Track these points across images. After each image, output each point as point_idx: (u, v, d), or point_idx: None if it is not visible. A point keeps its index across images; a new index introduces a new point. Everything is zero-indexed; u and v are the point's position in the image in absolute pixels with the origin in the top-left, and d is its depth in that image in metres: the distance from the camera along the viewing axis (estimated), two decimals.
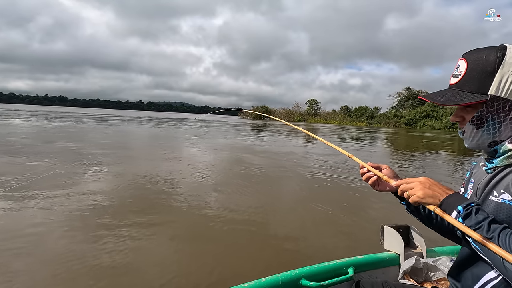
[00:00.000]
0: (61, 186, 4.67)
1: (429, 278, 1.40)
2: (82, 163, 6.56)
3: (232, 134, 19.70)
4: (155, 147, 10.67)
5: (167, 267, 2.51)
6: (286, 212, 4.18)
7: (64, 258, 2.52)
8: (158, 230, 3.24)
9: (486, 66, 0.71)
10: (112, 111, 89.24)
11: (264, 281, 1.15)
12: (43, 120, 23.69)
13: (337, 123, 66.91)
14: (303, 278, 1.22)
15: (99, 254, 2.62)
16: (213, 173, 6.42)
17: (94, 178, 5.34)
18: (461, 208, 0.71)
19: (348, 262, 1.36)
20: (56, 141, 10.14)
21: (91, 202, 3.98)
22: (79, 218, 3.43)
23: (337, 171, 7.23)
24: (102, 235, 3.01)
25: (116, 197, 4.32)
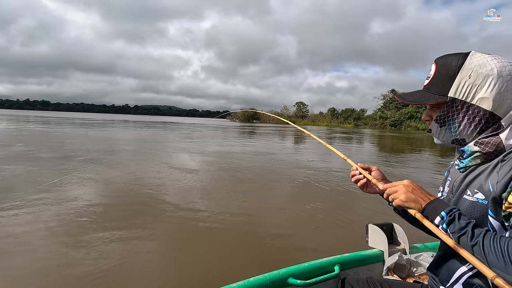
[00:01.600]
0: (44, 192, 4.53)
1: (411, 274, 1.45)
2: (66, 169, 6.40)
3: (222, 137, 19.64)
4: (143, 151, 10.52)
5: (153, 272, 2.48)
6: (274, 213, 4.21)
7: (45, 268, 2.46)
8: (144, 235, 3.20)
9: (449, 70, 0.79)
10: (97, 115, 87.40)
11: (252, 281, 1.17)
12: (19, 124, 22.93)
13: (324, 125, 67.76)
14: (291, 277, 1.25)
15: (81, 262, 2.56)
16: (201, 176, 6.39)
17: (79, 185, 5.21)
18: (444, 214, 0.75)
19: (334, 260, 1.40)
20: (37, 147, 9.84)
21: (75, 208, 3.89)
22: (64, 224, 3.35)
23: (324, 173, 7.32)
24: (85, 241, 2.95)
25: (101, 203, 4.24)
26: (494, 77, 0.73)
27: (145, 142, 13.77)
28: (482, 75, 0.74)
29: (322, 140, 1.50)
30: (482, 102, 0.75)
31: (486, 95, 0.74)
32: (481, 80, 0.74)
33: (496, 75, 0.73)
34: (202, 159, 9.06)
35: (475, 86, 0.75)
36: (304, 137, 24.07)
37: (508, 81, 0.73)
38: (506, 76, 0.73)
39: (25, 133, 15.60)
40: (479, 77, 0.74)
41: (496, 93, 0.73)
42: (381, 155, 12.68)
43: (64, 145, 10.79)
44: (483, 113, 0.76)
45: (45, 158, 7.63)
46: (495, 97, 0.73)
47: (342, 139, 22.47)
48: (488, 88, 0.74)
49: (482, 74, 0.74)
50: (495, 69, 0.73)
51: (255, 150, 12.15)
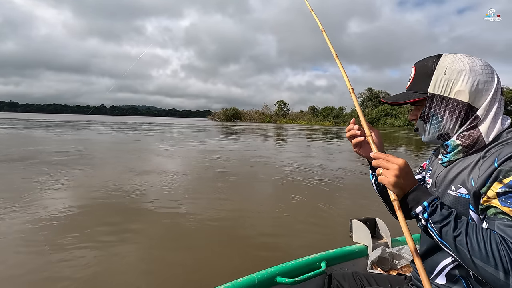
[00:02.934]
0: (22, 197, 4.27)
1: (394, 266, 1.50)
2: (43, 174, 6.06)
3: (204, 136, 19.40)
4: (123, 154, 10.18)
5: (134, 276, 2.40)
6: (257, 213, 4.21)
7: (24, 274, 2.31)
8: (126, 238, 3.09)
9: (426, 70, 0.86)
10: (71, 117, 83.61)
11: (240, 282, 1.15)
12: None
13: (305, 123, 68.78)
14: (278, 276, 1.24)
15: (62, 267, 2.44)
16: (182, 177, 6.27)
17: (56, 189, 4.96)
18: (426, 204, 0.74)
19: (321, 256, 1.41)
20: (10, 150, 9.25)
21: (50, 213, 3.69)
22: (38, 230, 3.17)
23: (306, 170, 7.43)
24: (66, 246, 2.80)
25: (78, 207, 4.05)
26: (467, 72, 0.80)
27: (122, 145, 13.33)
28: (456, 70, 0.81)
29: (298, 140, 1.50)
30: (459, 95, 0.81)
31: (462, 88, 0.80)
32: (456, 75, 0.81)
33: (469, 69, 0.80)
34: (183, 160, 8.91)
35: (451, 81, 0.81)
36: (285, 135, 24.31)
37: (480, 74, 0.79)
38: (478, 70, 0.80)
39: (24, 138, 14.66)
40: (453, 72, 0.81)
41: (470, 86, 0.79)
42: None
43: (37, 148, 10.22)
44: (462, 105, 0.81)
45: (16, 163, 7.18)
46: (470, 89, 0.79)
47: (323, 137, 22.91)
48: (463, 81, 0.80)
49: (455, 70, 0.81)
50: (467, 65, 0.80)
51: (236, 149, 12.10)
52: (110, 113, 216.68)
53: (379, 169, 0.82)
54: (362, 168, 8.22)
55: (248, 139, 18.03)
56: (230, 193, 5.14)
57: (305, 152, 11.66)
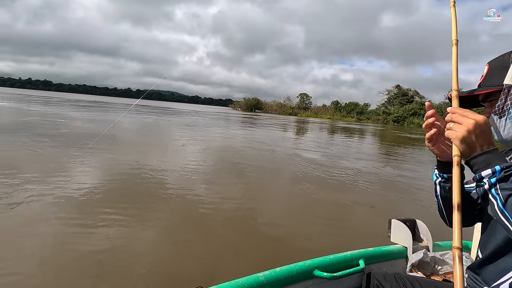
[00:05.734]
0: (52, 172, 4.51)
1: (436, 272, 1.42)
2: (73, 152, 6.38)
3: (225, 124, 19.57)
4: (147, 137, 10.49)
5: (157, 257, 2.47)
6: (282, 206, 4.19)
7: (49, 247, 2.45)
8: (147, 220, 3.19)
9: (502, 63, 0.81)
10: (99, 98, 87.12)
11: (278, 271, 1.13)
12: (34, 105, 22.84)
13: (327, 117, 67.44)
14: (316, 269, 1.21)
15: (87, 242, 2.55)
16: (205, 165, 6.36)
17: (83, 168, 5.20)
18: (498, 169, 0.64)
19: (359, 254, 1.36)
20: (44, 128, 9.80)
21: (81, 191, 3.87)
22: (70, 206, 3.34)
23: (330, 166, 7.29)
24: (90, 223, 2.93)
25: (106, 187, 4.22)
26: None
27: (148, 128, 13.72)
28: None
29: (321, 133, 1.43)
30: None
31: None
32: None
33: None
34: (203, 146, 9.02)
35: None
36: (308, 128, 23.98)
37: None
38: None
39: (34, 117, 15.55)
40: None
41: None
42: (382, 150, 12.61)
43: (68, 128, 10.74)
44: None
45: (46, 138, 7.60)
46: None
47: (345, 132, 22.38)
48: None
49: None
50: None
51: (256, 138, 12.09)
52: (136, 96, 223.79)
53: (450, 123, 0.72)
54: (388, 167, 7.96)
55: (269, 130, 17.97)
56: (249, 182, 5.15)
57: (329, 146, 11.45)
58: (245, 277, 1.06)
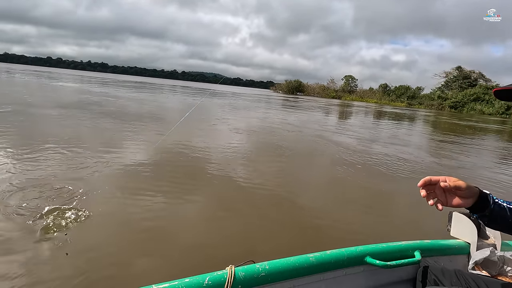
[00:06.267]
0: (105, 146, 4.98)
1: (504, 272, 1.29)
2: (126, 129, 6.93)
3: (266, 106, 19.56)
4: (191, 117, 10.92)
5: (197, 232, 2.61)
6: (327, 191, 4.12)
7: (102, 221, 2.72)
8: (189, 195, 3.36)
9: None
10: (149, 79, 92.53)
11: (329, 254, 1.12)
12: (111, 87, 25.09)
13: (373, 102, 63.47)
14: (368, 256, 1.18)
15: (138, 215, 2.78)
16: (245, 145, 6.46)
17: (134, 144, 5.62)
18: None
19: (415, 245, 1.29)
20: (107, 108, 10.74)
21: (130, 164, 4.21)
22: (121, 179, 3.66)
23: (378, 153, 6.93)
24: (140, 197, 3.18)
25: (155, 161, 4.53)
26: None
27: (190, 108, 14.26)
28: None
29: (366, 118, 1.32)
30: None
31: None
32: None
33: None
34: (244, 128, 9.13)
35: None
36: (351, 112, 22.89)
37: None
38: None
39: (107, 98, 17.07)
40: None
41: None
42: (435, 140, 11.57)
43: (122, 107, 11.62)
44: None
45: (106, 118, 8.33)
46: None
47: (393, 117, 20.90)
48: None
49: None
50: None
51: (298, 122, 11.89)
52: (181, 78, 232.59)
53: None
54: (442, 158, 7.33)
55: (309, 113, 17.53)
56: (288, 164, 5.13)
57: (375, 134, 10.85)
58: (296, 256, 1.07)
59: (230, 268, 0.94)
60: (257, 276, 0.96)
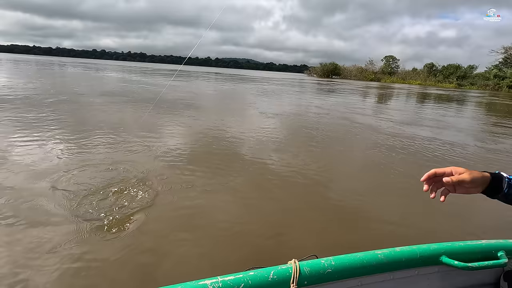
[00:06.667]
0: (147, 131, 5.19)
1: None
2: (162, 115, 7.18)
3: (300, 91, 19.09)
4: (225, 103, 10.99)
5: (231, 217, 2.60)
6: (363, 180, 3.91)
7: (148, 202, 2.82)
8: (225, 181, 3.37)
9: None
10: (184, 67, 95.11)
11: (399, 251, 1.02)
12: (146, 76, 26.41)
13: (417, 83, 58.89)
14: (444, 255, 1.05)
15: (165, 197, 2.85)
16: (278, 131, 6.35)
17: (170, 129, 5.79)
18: None
19: (498, 245, 1.12)
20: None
21: (166, 150, 4.33)
22: (162, 164, 3.78)
23: (423, 139, 6.42)
24: (169, 181, 3.26)
25: (190, 146, 4.62)
26: None
27: (225, 95, 14.34)
28: None
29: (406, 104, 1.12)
30: None
31: None
32: None
33: None
34: (277, 113, 8.97)
35: None
36: (391, 95, 21.48)
37: None
38: None
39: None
40: None
41: None
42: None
43: (157, 94, 12.05)
44: None
45: (141, 104, 8.69)
46: None
47: (440, 100, 19.19)
48: None
49: None
50: None
51: (333, 107, 11.41)
52: (215, 65, 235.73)
53: None
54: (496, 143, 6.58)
55: (345, 97, 16.75)
56: (323, 150, 4.94)
57: (418, 118, 10.06)
58: (362, 252, 0.98)
59: (294, 262, 0.89)
60: (323, 272, 0.89)
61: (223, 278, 0.80)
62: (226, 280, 0.80)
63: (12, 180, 2.92)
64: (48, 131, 4.85)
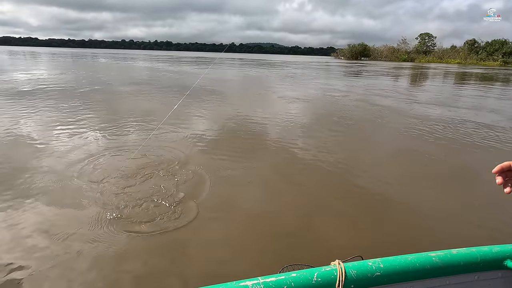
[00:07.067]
0: (175, 118, 5.28)
1: None
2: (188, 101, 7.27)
3: (325, 75, 18.44)
4: (249, 89, 10.89)
5: (259, 204, 2.56)
6: (398, 170, 3.70)
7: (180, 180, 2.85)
8: (249, 160, 3.33)
9: None
10: (209, 54, 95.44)
11: (456, 254, 0.91)
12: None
13: (456, 62, 54.46)
14: (509, 259, 0.93)
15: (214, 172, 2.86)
16: (304, 116, 6.17)
17: (197, 115, 5.83)
18: None
19: None
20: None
21: (194, 134, 4.37)
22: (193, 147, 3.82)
23: (464, 124, 5.94)
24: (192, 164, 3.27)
25: (217, 131, 4.63)
26: None
27: (249, 81, 14.22)
28: None
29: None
30: None
31: None
32: None
33: None
34: (302, 98, 8.73)
35: None
36: (426, 76, 20.09)
37: None
38: None
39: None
40: None
41: None
42: None
43: (182, 81, 12.21)
44: None
45: (171, 90, 8.84)
46: None
47: (484, 80, 17.59)
48: None
49: None
50: None
51: (361, 90, 10.88)
52: (239, 50, 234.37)
53: None
54: None
55: (375, 80, 15.90)
56: (352, 137, 4.72)
57: (457, 101, 9.32)
58: (414, 254, 0.90)
59: (339, 264, 0.82)
60: (371, 275, 0.82)
61: (264, 280, 0.76)
62: (267, 281, 0.76)
63: (52, 163, 3.11)
64: (84, 119, 5.11)
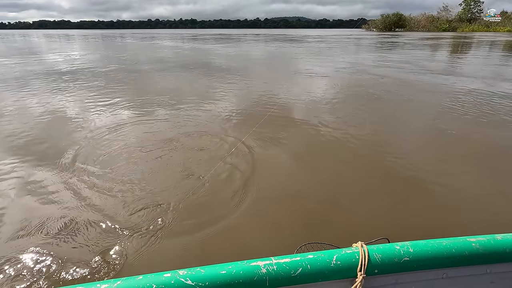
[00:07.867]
0: (203, 97, 5.26)
1: None
2: (214, 80, 7.20)
3: (355, 49, 17.38)
4: (274, 67, 10.58)
5: (296, 180, 2.49)
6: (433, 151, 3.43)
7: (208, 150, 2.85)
8: (277, 141, 3.24)
9: None
10: (234, 30, 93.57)
11: (500, 240, 0.80)
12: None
13: (506, 30, 48.74)
14: None
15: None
16: (332, 94, 5.87)
17: (224, 93, 5.77)
18: None
19: None
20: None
21: (221, 111, 4.32)
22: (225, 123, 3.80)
23: None
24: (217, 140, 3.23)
25: (242, 109, 4.55)
26: None
27: (275, 57, 13.78)
28: None
29: None
30: None
31: None
32: None
33: None
34: (328, 76, 8.31)
35: None
36: (469, 47, 18.24)
37: None
38: None
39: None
40: None
41: None
42: None
43: (209, 59, 12.09)
44: None
45: (195, 70, 8.80)
46: None
47: None
48: None
49: None
50: None
51: (395, 65, 10.12)
52: (264, 26, 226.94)
53: None
54: None
55: (408, 54, 14.70)
56: (385, 119, 4.42)
57: (503, 74, 8.39)
58: (449, 238, 0.79)
59: (361, 246, 0.74)
60: (399, 260, 0.73)
61: (277, 260, 0.71)
62: (281, 262, 0.70)
63: (88, 139, 3.26)
64: (116, 97, 5.28)
